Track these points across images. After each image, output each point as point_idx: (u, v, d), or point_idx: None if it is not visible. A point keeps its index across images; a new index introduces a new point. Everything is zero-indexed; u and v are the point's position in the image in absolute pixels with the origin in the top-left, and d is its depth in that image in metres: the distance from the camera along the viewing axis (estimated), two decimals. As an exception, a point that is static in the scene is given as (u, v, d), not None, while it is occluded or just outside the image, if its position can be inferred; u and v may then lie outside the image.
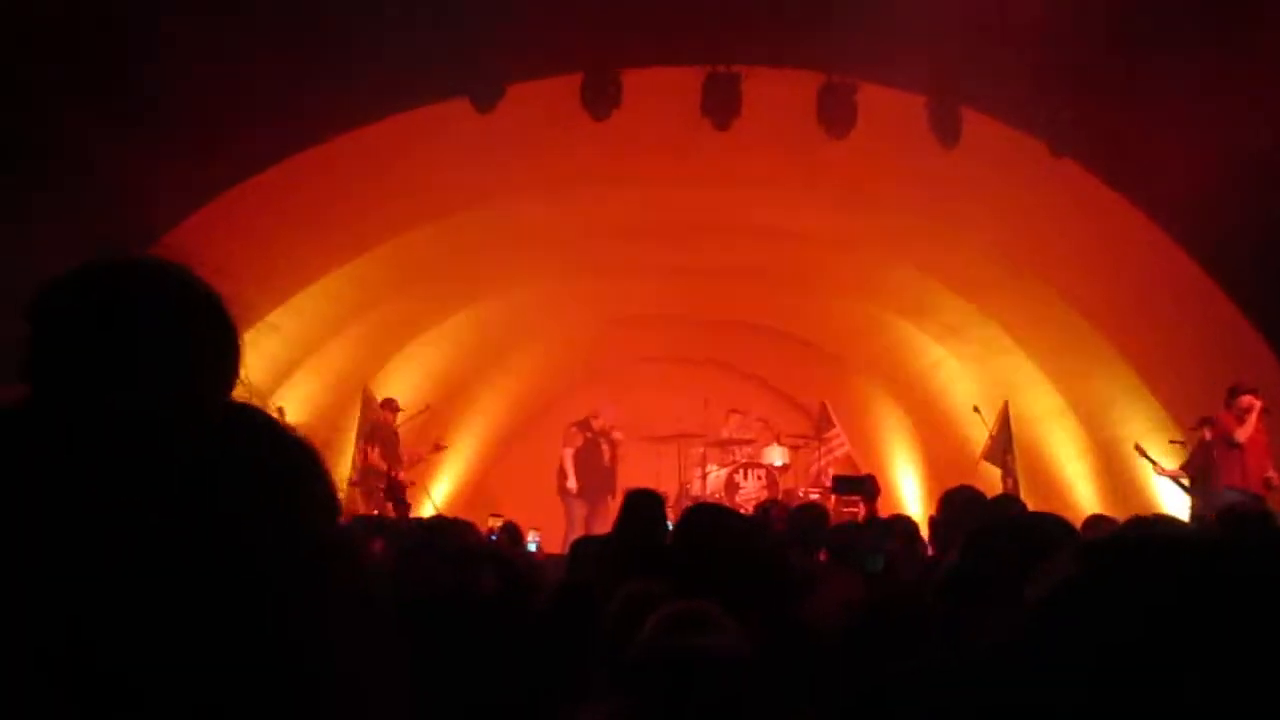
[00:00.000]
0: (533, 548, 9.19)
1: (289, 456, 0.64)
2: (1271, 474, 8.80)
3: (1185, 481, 9.83)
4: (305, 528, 0.63)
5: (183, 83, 7.29)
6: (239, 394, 0.99)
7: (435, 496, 11.67)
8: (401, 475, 10.77)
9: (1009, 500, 4.32)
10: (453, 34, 7.70)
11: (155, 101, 7.31)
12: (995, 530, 1.61)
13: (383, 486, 10.21)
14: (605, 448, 12.10)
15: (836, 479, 4.92)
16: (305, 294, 9.86)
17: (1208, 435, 9.57)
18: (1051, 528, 1.60)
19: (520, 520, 9.01)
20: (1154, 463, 10.06)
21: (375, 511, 10.14)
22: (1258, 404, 8.74)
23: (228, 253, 8.71)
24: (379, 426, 10.97)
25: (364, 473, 10.68)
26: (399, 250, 10.27)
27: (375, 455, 10.84)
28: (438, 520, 6.06)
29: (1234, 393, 8.86)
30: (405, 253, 10.37)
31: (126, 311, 0.80)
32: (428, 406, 11.41)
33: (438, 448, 11.35)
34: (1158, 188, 8.77)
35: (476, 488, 13.51)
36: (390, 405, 11.03)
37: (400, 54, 7.64)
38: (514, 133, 8.85)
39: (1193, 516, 8.85)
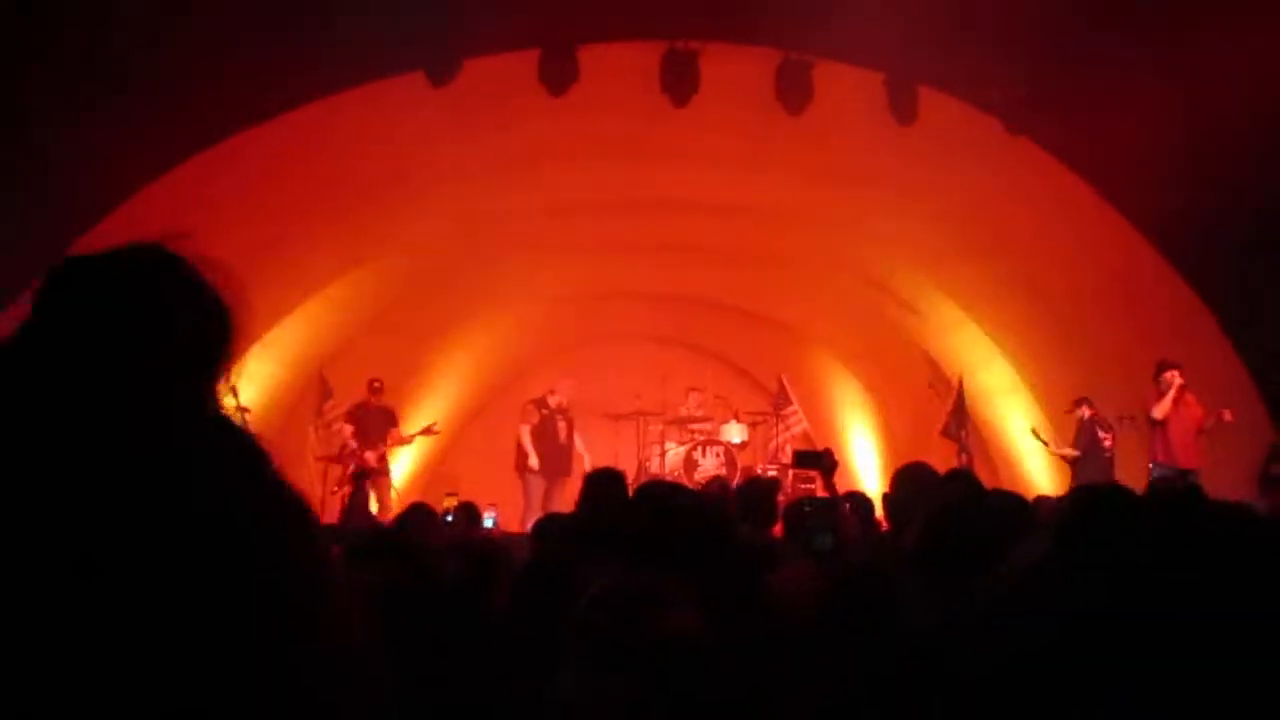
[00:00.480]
0: (489, 524, 9.17)
1: (253, 468, 0.65)
2: (1196, 452, 8.89)
3: (1073, 455, 10.39)
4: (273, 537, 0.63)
5: (135, 53, 7.13)
6: None
7: (394, 478, 11.60)
8: (368, 455, 10.78)
9: (962, 476, 4.35)
10: (407, 6, 7.58)
11: (111, 71, 7.15)
12: (954, 509, 1.61)
13: (350, 470, 10.21)
14: (562, 425, 11.94)
15: (796, 453, 4.95)
16: (253, 266, 9.72)
17: (1086, 414, 10.42)
18: (1008, 506, 1.61)
19: (478, 499, 8.98)
20: (1046, 444, 10.71)
21: (335, 490, 10.15)
22: (1178, 381, 8.89)
23: (177, 226, 8.58)
24: (359, 407, 11.07)
25: (341, 453, 10.83)
26: (349, 230, 10.14)
27: (349, 434, 10.89)
28: (388, 529, 6.00)
29: (1158, 369, 9.05)
30: (355, 232, 10.24)
31: (124, 299, 0.78)
32: (431, 429, 11.49)
33: (429, 431, 11.40)
34: (1113, 167, 8.86)
35: (434, 468, 13.44)
36: (374, 386, 11.17)
37: (353, 27, 7.51)
38: (469, 108, 8.76)
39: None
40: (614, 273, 12.87)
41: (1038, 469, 11.54)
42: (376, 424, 11.11)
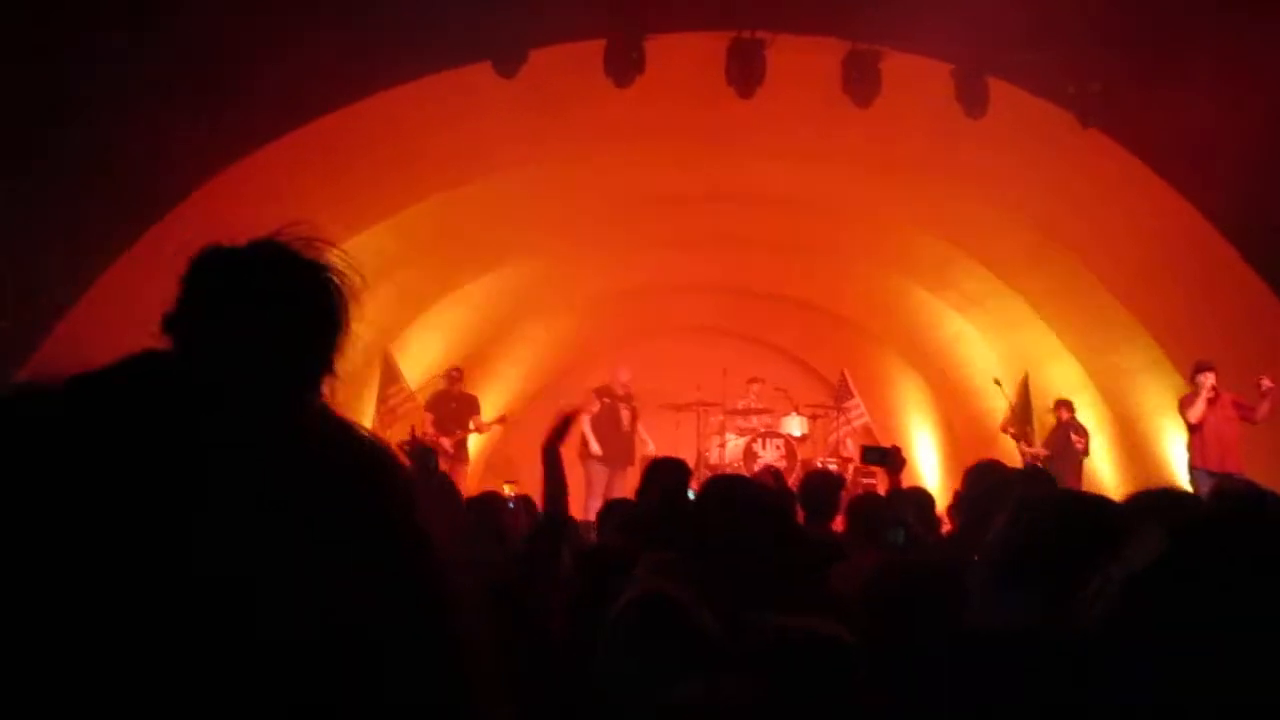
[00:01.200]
0: None
1: (371, 460, 0.66)
2: (1264, 380, 8.50)
3: (1045, 455, 10.65)
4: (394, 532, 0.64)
5: (207, 46, 7.27)
6: None
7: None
8: (443, 441, 11.01)
9: (1037, 474, 4.29)
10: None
11: (176, 64, 7.30)
12: (1042, 505, 1.59)
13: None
14: (625, 413, 11.92)
15: (864, 449, 4.90)
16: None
17: (1064, 416, 10.80)
18: (1100, 508, 1.58)
19: (536, 486, 9.05)
20: (1019, 442, 11.04)
21: None
22: (1209, 382, 8.67)
23: (248, 216, 8.73)
24: (439, 396, 11.29)
25: (413, 441, 10.94)
26: (418, 216, 10.24)
27: (429, 422, 11.06)
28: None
29: (1194, 370, 8.83)
30: (424, 219, 10.35)
31: (261, 292, 0.80)
32: (504, 418, 11.69)
33: (502, 419, 11.62)
34: (1187, 162, 8.65)
35: (495, 454, 13.55)
36: (452, 375, 11.39)
37: (421, 17, 7.58)
38: (535, 99, 8.79)
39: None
40: (676, 265, 12.87)
41: (1104, 469, 11.34)
42: (456, 411, 11.33)
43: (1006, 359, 12.25)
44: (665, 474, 4.29)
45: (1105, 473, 11.29)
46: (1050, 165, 9.34)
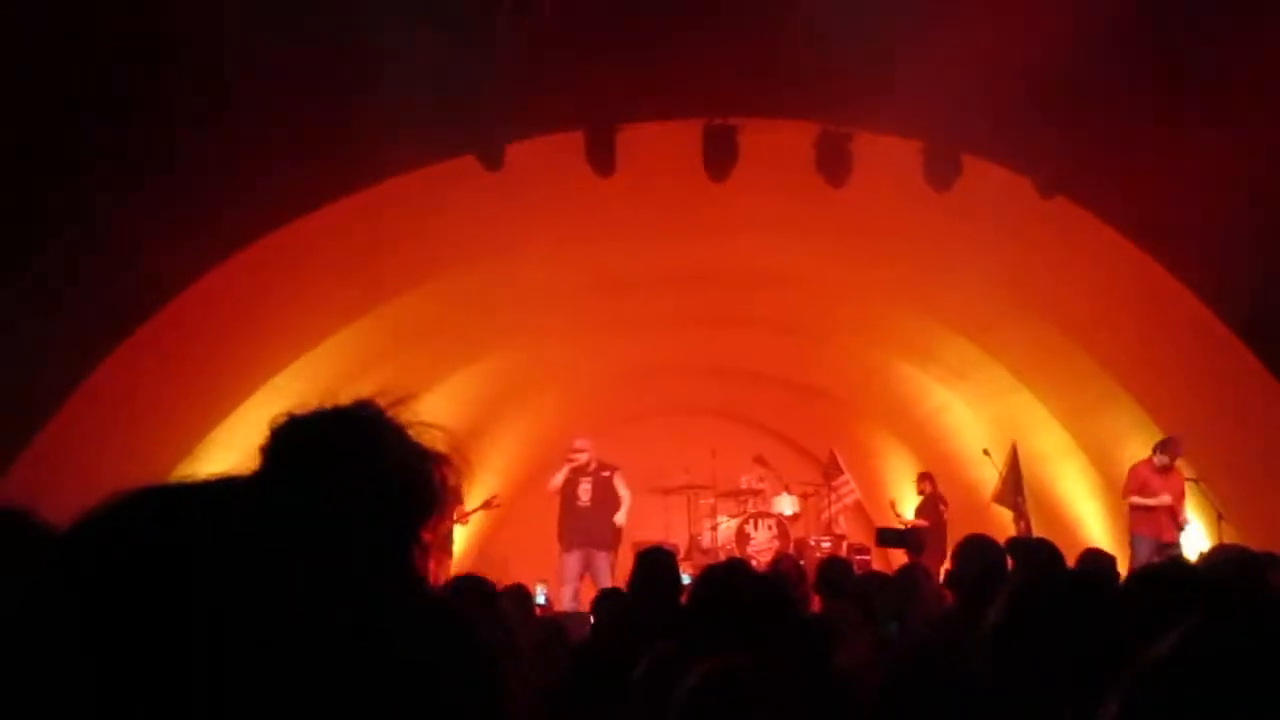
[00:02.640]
0: (541, 600, 9.11)
1: (483, 662, 0.70)
2: (1180, 521, 9.34)
3: (924, 525, 11.07)
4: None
5: (187, 148, 7.35)
6: None
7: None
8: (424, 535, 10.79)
9: (1045, 547, 4.28)
10: (452, 95, 7.77)
11: (159, 166, 7.37)
12: (1037, 587, 1.57)
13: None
14: (585, 488, 10.66)
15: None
16: (310, 356, 9.87)
17: (928, 489, 11.86)
18: (1095, 578, 1.57)
19: (528, 575, 8.96)
20: (898, 515, 11.96)
21: None
22: (1173, 460, 9.30)
23: (234, 316, 8.77)
24: None
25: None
26: (404, 309, 10.29)
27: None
28: None
29: (1158, 448, 9.40)
30: (410, 311, 10.39)
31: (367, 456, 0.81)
32: (490, 502, 11.52)
33: (490, 505, 11.36)
34: (1155, 224, 8.81)
35: (483, 548, 13.43)
36: None
37: (401, 115, 7.69)
38: (518, 190, 8.91)
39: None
40: (661, 347, 12.93)
41: (1097, 533, 11.30)
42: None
43: (993, 429, 12.28)
44: (654, 565, 4.24)
45: (1097, 536, 11.24)
46: (1022, 235, 9.48)
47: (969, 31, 7.37)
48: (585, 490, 10.57)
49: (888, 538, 4.85)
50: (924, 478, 12.26)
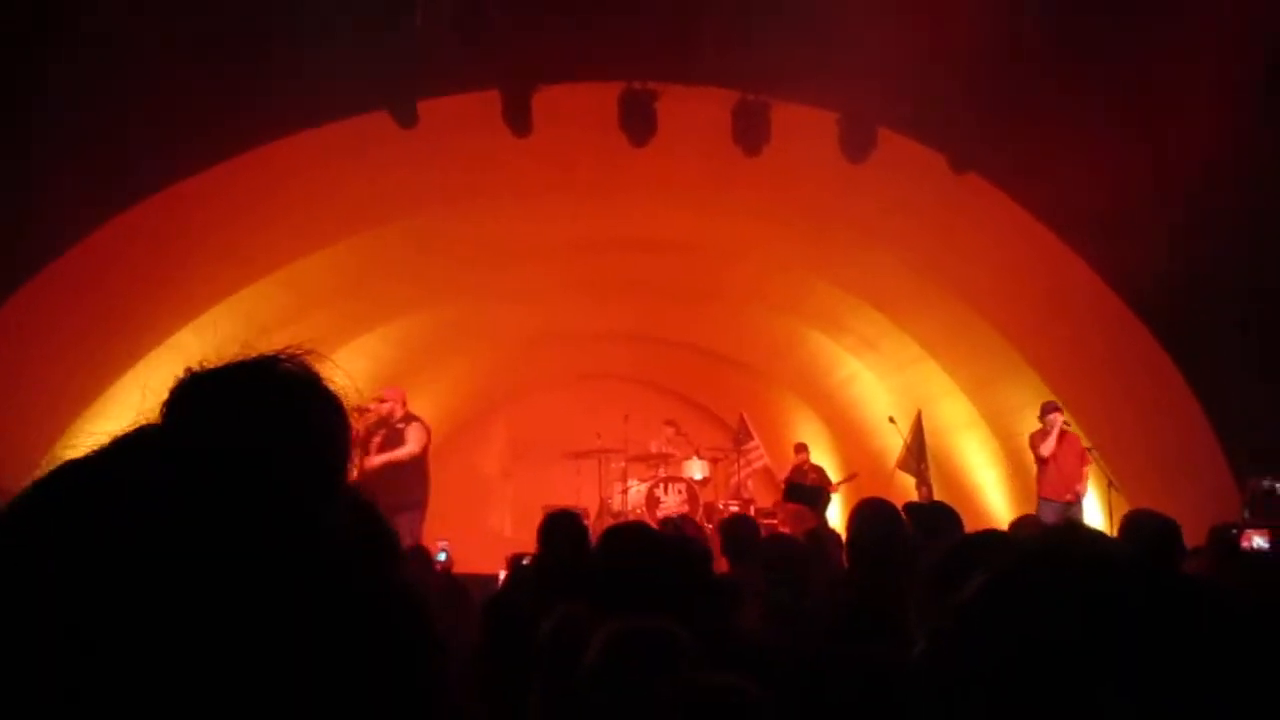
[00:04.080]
0: (442, 558, 9.08)
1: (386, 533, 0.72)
2: (1080, 486, 9.82)
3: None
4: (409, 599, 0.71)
5: (89, 94, 7.08)
6: None
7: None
8: None
9: (926, 508, 4.40)
10: (368, 50, 7.61)
11: (62, 110, 7.09)
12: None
13: None
14: (375, 442, 9.44)
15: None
16: (214, 311, 9.63)
17: (801, 457, 12.26)
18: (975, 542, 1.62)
19: (434, 535, 8.94)
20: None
21: None
22: (1060, 421, 9.76)
23: (131, 268, 8.51)
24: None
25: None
26: (313, 267, 10.09)
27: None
28: None
29: (1043, 411, 9.93)
30: (319, 270, 10.20)
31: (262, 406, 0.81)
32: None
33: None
34: (1062, 203, 9.04)
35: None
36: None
37: (315, 68, 7.51)
38: (432, 148, 8.78)
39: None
40: (574, 312, 12.90)
41: (998, 501, 11.65)
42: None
43: (900, 398, 12.54)
44: (561, 527, 4.26)
45: (998, 504, 11.60)
46: (934, 209, 9.66)
47: (890, 5, 7.46)
48: (375, 446, 9.41)
49: (795, 494, 4.93)
50: (798, 447, 12.64)
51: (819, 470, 12.26)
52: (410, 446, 9.35)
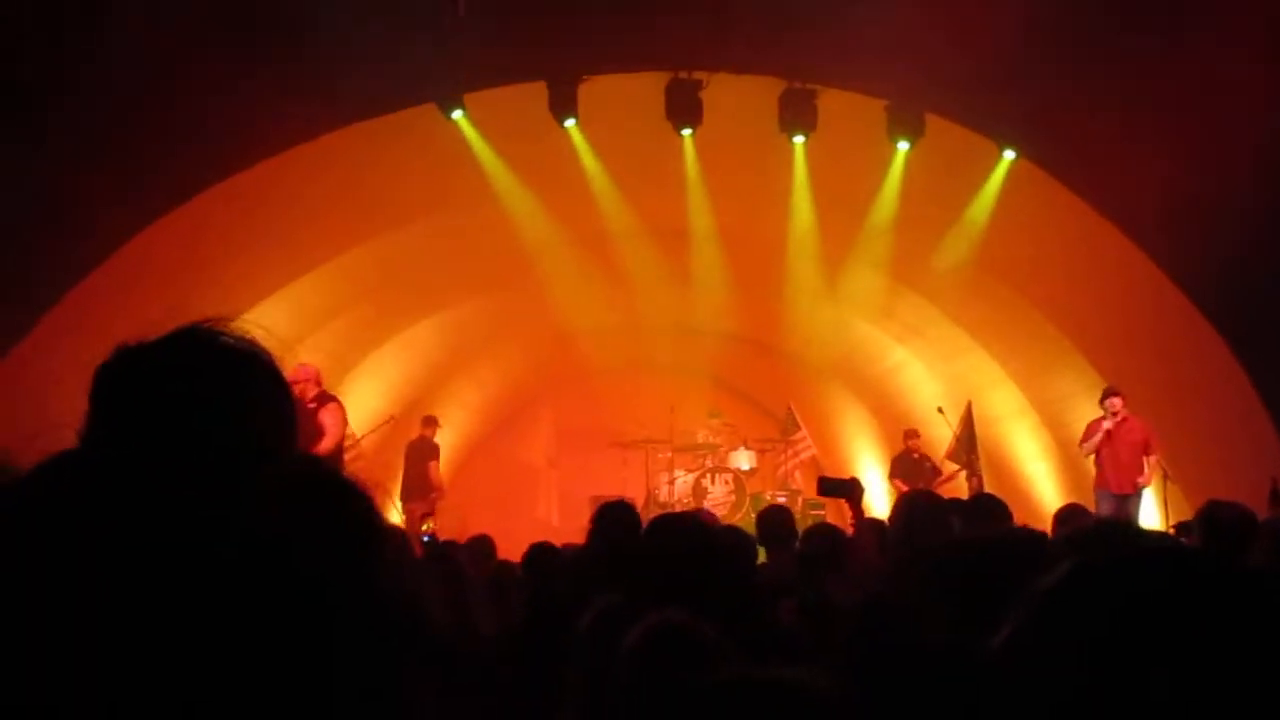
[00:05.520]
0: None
1: (358, 512, 0.71)
2: (1140, 478, 9.23)
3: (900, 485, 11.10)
4: (376, 583, 0.69)
5: (137, 95, 7.17)
6: None
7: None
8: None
9: (984, 505, 4.33)
10: (412, 43, 7.63)
11: (109, 111, 7.19)
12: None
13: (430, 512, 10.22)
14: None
15: (821, 480, 4.80)
16: (262, 307, 9.74)
17: (911, 443, 11.68)
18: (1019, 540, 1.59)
19: (486, 528, 8.97)
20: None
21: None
22: (1114, 407, 9.12)
23: (182, 265, 8.62)
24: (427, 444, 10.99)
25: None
26: (359, 260, 10.18)
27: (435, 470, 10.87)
28: None
29: (1103, 395, 9.30)
30: (365, 262, 10.28)
31: (194, 377, 0.81)
32: (391, 418, 11.35)
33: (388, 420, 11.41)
34: (1116, 191, 8.87)
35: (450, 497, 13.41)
36: (430, 422, 11.13)
37: (361, 62, 7.56)
38: (484, 138, 8.83)
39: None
40: (620, 303, 12.89)
41: (1048, 493, 11.49)
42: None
43: (949, 387, 12.40)
44: (615, 518, 4.24)
45: (1049, 496, 11.43)
46: (984, 197, 9.53)
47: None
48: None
49: (827, 487, 4.85)
50: (908, 434, 11.98)
51: (929, 459, 11.78)
52: (326, 441, 8.57)
